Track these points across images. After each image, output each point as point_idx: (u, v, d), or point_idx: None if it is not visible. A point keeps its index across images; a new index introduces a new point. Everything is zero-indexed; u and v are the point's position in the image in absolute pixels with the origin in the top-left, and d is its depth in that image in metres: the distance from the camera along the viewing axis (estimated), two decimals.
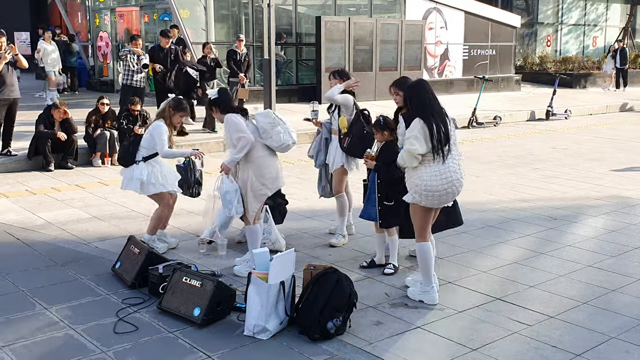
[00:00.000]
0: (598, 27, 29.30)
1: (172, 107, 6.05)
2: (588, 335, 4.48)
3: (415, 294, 5.05)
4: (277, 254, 4.52)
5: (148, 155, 6.00)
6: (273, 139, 5.41)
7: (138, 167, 5.98)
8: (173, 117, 6.06)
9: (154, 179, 5.99)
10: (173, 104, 6.08)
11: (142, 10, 18.16)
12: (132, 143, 6.12)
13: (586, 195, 8.54)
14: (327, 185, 6.58)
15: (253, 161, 5.41)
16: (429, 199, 4.82)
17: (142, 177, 5.94)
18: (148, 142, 6.00)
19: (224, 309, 4.63)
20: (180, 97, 6.39)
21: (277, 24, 16.38)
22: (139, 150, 6.00)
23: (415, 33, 18.81)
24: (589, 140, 13.40)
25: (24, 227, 6.87)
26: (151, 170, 5.99)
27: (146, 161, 6.00)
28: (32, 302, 4.90)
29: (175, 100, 6.18)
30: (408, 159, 4.78)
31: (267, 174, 5.44)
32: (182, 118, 6.19)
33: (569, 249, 6.34)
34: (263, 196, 5.50)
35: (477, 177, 9.62)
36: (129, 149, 6.08)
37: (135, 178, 5.95)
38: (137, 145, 6.03)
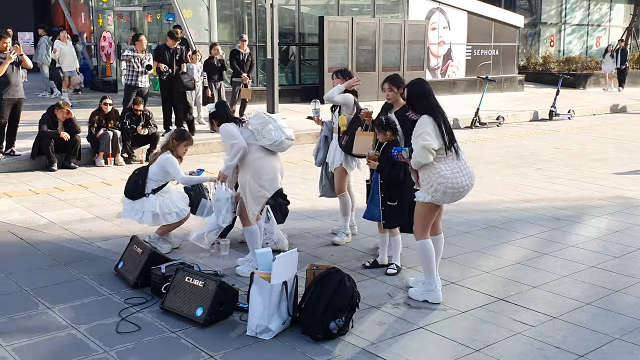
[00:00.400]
0: (601, 27, 29.26)
1: (176, 138, 6.13)
2: (591, 336, 4.47)
3: (419, 294, 5.04)
4: (279, 254, 4.51)
5: (157, 187, 6.05)
6: (265, 137, 5.38)
7: (149, 200, 6.00)
8: (178, 148, 6.13)
9: (168, 208, 6.04)
10: (176, 135, 6.16)
11: (145, 11, 18.18)
12: (141, 176, 6.08)
13: (589, 196, 8.53)
14: (327, 184, 6.57)
15: (249, 164, 5.42)
16: (449, 196, 4.81)
17: (154, 209, 5.97)
18: (157, 175, 6.05)
19: (227, 309, 4.62)
20: (182, 128, 6.44)
21: (280, 24, 16.38)
22: (147, 182, 6.03)
23: (418, 33, 18.81)
24: (592, 141, 13.37)
25: (27, 226, 6.87)
26: (162, 201, 6.04)
27: (155, 193, 6.04)
28: (35, 301, 4.90)
29: (178, 131, 6.27)
30: (423, 154, 4.69)
31: (265, 175, 5.42)
32: (187, 147, 6.23)
33: (572, 250, 6.33)
34: (262, 198, 5.50)
35: (480, 178, 9.58)
36: (138, 182, 6.06)
37: (147, 211, 5.97)
38: (145, 178, 6.04)
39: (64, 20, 22.33)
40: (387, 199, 5.48)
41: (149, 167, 6.15)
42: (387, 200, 5.48)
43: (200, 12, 16.26)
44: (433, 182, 4.76)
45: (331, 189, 6.54)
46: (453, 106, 17.09)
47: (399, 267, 5.63)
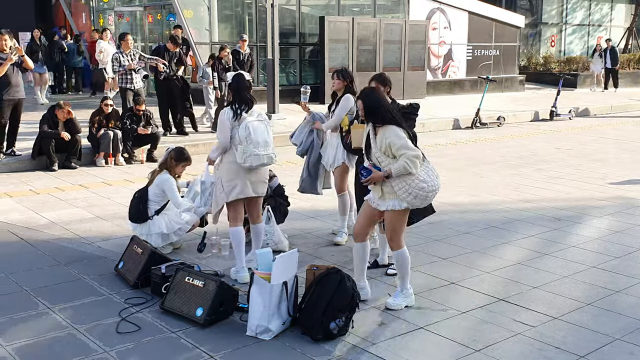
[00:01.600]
0: (602, 27, 29.24)
1: (174, 158, 6.13)
2: (592, 337, 4.46)
3: (399, 303, 4.91)
4: (280, 254, 4.51)
5: (160, 208, 6.07)
6: (238, 152, 5.23)
7: (154, 223, 6.01)
8: (176, 168, 6.15)
9: (175, 224, 6.04)
10: (175, 155, 6.15)
11: (146, 11, 18.18)
12: (141, 200, 6.06)
13: (590, 196, 8.52)
14: (308, 179, 6.50)
15: (223, 164, 5.37)
16: (422, 199, 4.69)
17: (160, 230, 5.99)
18: (157, 196, 6.06)
19: (227, 309, 4.62)
20: (181, 147, 6.33)
21: (281, 24, 16.36)
22: (149, 205, 6.04)
23: (418, 33, 18.80)
24: (593, 141, 13.37)
25: (28, 226, 6.87)
26: (168, 220, 6.04)
27: (159, 213, 6.05)
28: (35, 301, 4.90)
29: (177, 151, 6.20)
30: (416, 164, 4.60)
31: (230, 181, 5.29)
32: (184, 168, 6.24)
33: (573, 250, 6.33)
34: (221, 200, 5.38)
35: (481, 178, 9.60)
36: (139, 206, 6.04)
37: (154, 234, 5.97)
38: (146, 201, 6.04)
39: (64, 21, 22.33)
40: None
41: (147, 188, 6.12)
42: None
43: (201, 12, 16.25)
44: (413, 189, 4.62)
45: (311, 185, 6.50)
46: (454, 106, 17.11)
47: None
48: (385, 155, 4.66)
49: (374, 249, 6.14)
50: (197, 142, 11.37)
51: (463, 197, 8.43)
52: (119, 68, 11.42)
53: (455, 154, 11.66)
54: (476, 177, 9.67)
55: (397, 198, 4.68)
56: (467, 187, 9.00)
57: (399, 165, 4.58)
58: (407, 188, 4.62)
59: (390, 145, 4.61)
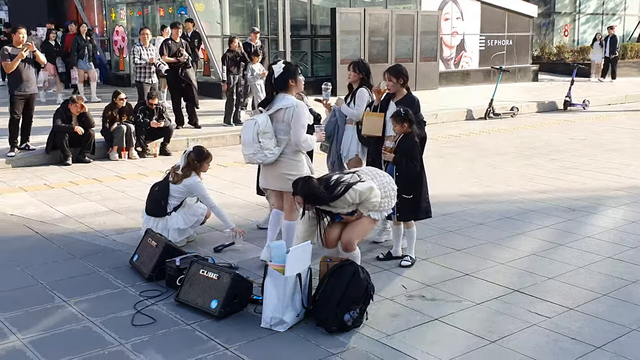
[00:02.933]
0: (616, 16, 28.92)
1: (196, 159, 6.11)
2: (608, 327, 4.43)
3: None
4: (293, 247, 4.51)
5: (178, 204, 6.11)
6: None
7: (172, 218, 6.05)
8: (202, 167, 6.17)
9: (192, 219, 6.12)
10: (195, 155, 6.12)
11: (157, 4, 18.20)
12: (162, 195, 6.09)
13: (605, 186, 8.45)
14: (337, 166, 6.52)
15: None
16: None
17: (178, 226, 6.04)
18: (181, 194, 6.10)
19: (241, 301, 4.63)
20: (199, 146, 6.32)
21: (292, 16, 16.35)
22: (170, 201, 6.07)
23: (431, 24, 18.69)
24: (608, 131, 13.25)
25: (43, 220, 6.92)
26: (185, 215, 6.09)
27: (177, 210, 6.10)
28: (51, 295, 4.93)
29: (195, 151, 6.17)
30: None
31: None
32: (209, 164, 6.25)
33: (588, 241, 6.28)
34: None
35: (495, 169, 9.55)
36: (160, 202, 6.08)
37: (172, 229, 6.01)
38: (167, 196, 6.07)
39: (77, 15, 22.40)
40: (403, 192, 5.44)
41: (168, 183, 6.12)
42: (402, 193, 5.43)
43: (212, 5, 16.25)
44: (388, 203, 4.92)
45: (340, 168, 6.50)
46: (467, 97, 17.02)
47: (413, 259, 5.61)
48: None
49: (387, 240, 6.15)
50: (210, 136, 11.39)
51: (477, 188, 8.40)
52: (140, 61, 11.46)
53: (469, 144, 11.60)
54: (490, 167, 9.62)
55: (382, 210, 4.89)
56: (481, 178, 8.96)
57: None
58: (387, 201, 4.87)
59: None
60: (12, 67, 9.30)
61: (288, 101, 5.19)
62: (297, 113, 5.15)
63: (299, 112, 5.16)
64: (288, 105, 5.17)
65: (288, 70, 5.23)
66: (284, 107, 5.18)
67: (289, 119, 5.15)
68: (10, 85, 9.53)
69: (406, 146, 5.43)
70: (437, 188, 7.58)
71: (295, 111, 5.15)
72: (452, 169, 9.48)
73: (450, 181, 8.67)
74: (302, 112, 5.19)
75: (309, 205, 4.71)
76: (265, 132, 5.13)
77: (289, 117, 5.15)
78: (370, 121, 5.88)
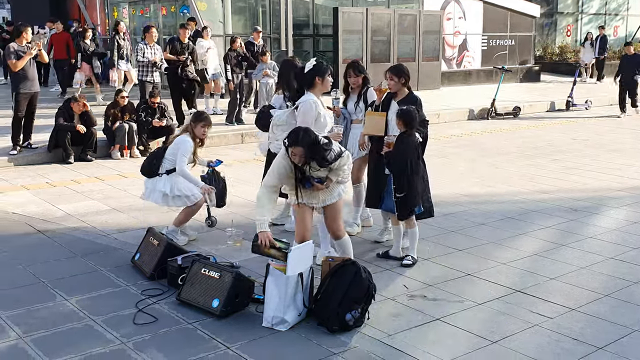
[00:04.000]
0: (619, 17, 28.89)
1: (193, 119, 6.17)
2: (610, 328, 4.43)
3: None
4: (295, 246, 4.50)
5: (172, 168, 6.08)
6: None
7: (161, 180, 6.06)
8: (195, 130, 6.12)
9: (178, 191, 6.05)
10: (193, 117, 6.23)
11: (160, 3, 18.20)
12: (157, 156, 6.16)
13: (607, 187, 8.44)
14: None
15: None
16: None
17: (164, 189, 6.02)
18: (173, 155, 6.08)
19: (243, 300, 4.63)
20: (200, 111, 6.50)
21: (294, 15, 16.35)
22: (163, 162, 6.08)
23: (433, 23, 18.68)
24: (610, 131, 13.23)
25: (45, 218, 6.92)
26: (174, 183, 6.05)
27: (169, 174, 6.07)
28: (52, 293, 4.93)
29: (195, 113, 6.33)
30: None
31: None
32: (204, 128, 6.19)
33: (590, 241, 6.27)
34: None
35: (497, 169, 9.55)
36: (152, 161, 6.13)
37: (158, 190, 6.03)
38: (161, 158, 6.09)
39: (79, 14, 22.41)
40: (396, 191, 5.46)
41: (167, 147, 6.22)
42: (396, 192, 5.46)
43: (214, 4, 16.25)
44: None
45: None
46: (469, 97, 17.01)
47: (415, 259, 5.61)
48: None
49: (389, 240, 6.14)
50: (212, 135, 11.35)
51: (479, 188, 8.39)
52: (142, 59, 11.47)
53: (471, 144, 11.59)
54: (492, 167, 9.62)
55: (340, 185, 4.87)
56: (483, 178, 8.95)
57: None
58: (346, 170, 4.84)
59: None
60: (19, 65, 9.30)
61: (304, 97, 5.33)
62: (302, 110, 5.26)
63: (304, 109, 5.25)
64: (302, 102, 5.32)
65: (317, 68, 5.38)
66: (298, 103, 5.34)
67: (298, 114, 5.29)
68: (15, 84, 9.53)
69: (402, 145, 5.43)
70: (439, 188, 7.58)
71: (303, 107, 5.26)
72: (453, 169, 9.47)
73: (452, 181, 8.66)
74: (309, 109, 5.24)
75: (304, 159, 4.53)
76: (279, 125, 5.38)
77: (298, 112, 5.29)
78: (372, 120, 5.89)
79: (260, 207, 4.65)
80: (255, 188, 6.86)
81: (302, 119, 5.26)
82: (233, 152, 10.31)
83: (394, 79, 5.82)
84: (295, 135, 4.49)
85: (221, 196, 6.34)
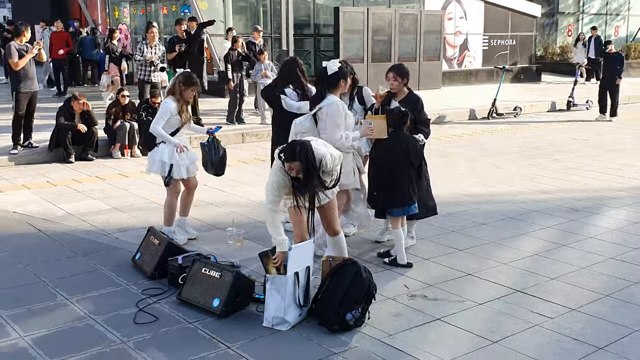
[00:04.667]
0: (620, 17, 28.87)
1: (182, 82, 5.97)
2: (611, 328, 4.43)
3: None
4: (294, 245, 4.51)
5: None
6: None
7: (159, 149, 6.01)
8: (184, 93, 5.98)
9: (172, 159, 5.95)
10: (182, 79, 6.00)
11: (160, 2, 18.21)
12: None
13: (608, 187, 8.44)
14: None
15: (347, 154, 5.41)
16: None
17: (162, 158, 5.96)
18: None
19: (243, 300, 4.63)
20: (188, 71, 6.37)
21: (295, 14, 16.36)
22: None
23: (434, 23, 18.68)
24: (610, 131, 13.23)
25: (45, 218, 6.92)
26: (171, 150, 5.96)
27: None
28: (53, 292, 4.94)
29: (184, 75, 6.10)
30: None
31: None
32: (194, 92, 6.08)
33: (590, 241, 6.27)
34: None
35: (497, 169, 9.54)
36: (149, 133, 6.13)
37: (157, 160, 6.00)
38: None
39: (80, 13, 22.42)
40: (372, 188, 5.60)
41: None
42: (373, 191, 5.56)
43: (215, 3, 16.26)
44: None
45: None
46: (470, 97, 17.00)
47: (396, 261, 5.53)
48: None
49: (389, 240, 6.14)
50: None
51: (479, 187, 8.39)
52: (140, 58, 11.48)
53: (471, 144, 11.59)
54: (492, 167, 9.62)
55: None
56: (484, 177, 8.95)
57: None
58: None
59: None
60: (21, 64, 9.31)
61: (328, 100, 5.30)
62: (331, 112, 5.25)
63: (333, 111, 5.24)
64: (325, 104, 5.29)
65: (342, 71, 5.39)
66: (323, 106, 5.30)
67: (325, 117, 5.26)
68: (15, 83, 9.54)
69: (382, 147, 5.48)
70: (440, 187, 7.57)
71: (329, 110, 5.24)
72: (454, 169, 9.47)
73: (453, 181, 8.66)
74: (337, 110, 5.25)
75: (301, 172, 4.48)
76: (304, 132, 5.26)
77: (325, 116, 5.25)
78: (374, 124, 5.85)
79: (276, 227, 4.55)
80: (256, 188, 6.88)
81: (333, 120, 5.23)
82: (234, 152, 10.31)
83: (397, 79, 5.82)
84: (292, 150, 4.45)
85: (220, 165, 6.18)
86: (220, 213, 6.86)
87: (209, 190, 7.69)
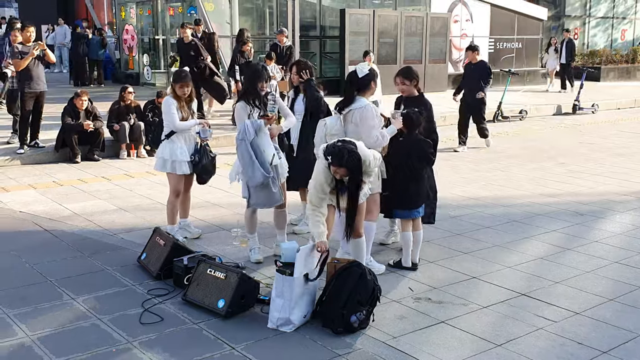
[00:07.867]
0: (627, 20, 28.85)
1: (173, 79, 6.20)
2: (615, 333, 4.43)
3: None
4: (302, 247, 4.52)
5: (168, 133, 6.06)
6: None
7: (161, 146, 6.09)
8: (177, 90, 6.10)
9: (176, 157, 6.00)
10: (173, 77, 6.25)
11: (167, 3, 18.26)
12: (159, 125, 6.23)
13: (613, 191, 8.43)
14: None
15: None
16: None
17: (162, 155, 6.03)
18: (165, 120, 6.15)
19: (248, 301, 4.65)
20: (179, 69, 6.53)
21: (301, 16, 16.35)
22: (164, 130, 6.12)
23: (440, 26, 18.69)
24: (616, 135, 13.21)
25: (51, 218, 6.95)
26: (172, 148, 6.01)
27: (168, 138, 6.06)
28: (59, 292, 4.96)
29: (175, 73, 6.37)
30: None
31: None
32: (185, 88, 6.12)
33: (595, 245, 6.27)
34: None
35: (502, 172, 9.54)
36: (155, 131, 6.27)
37: (158, 157, 6.07)
38: (161, 127, 6.15)
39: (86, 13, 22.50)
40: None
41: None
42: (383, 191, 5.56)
43: (222, 5, 16.29)
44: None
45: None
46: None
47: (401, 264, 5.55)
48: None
49: (395, 242, 6.15)
50: (217, 136, 11.38)
51: (484, 191, 8.39)
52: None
53: (477, 147, 11.58)
54: (497, 171, 9.61)
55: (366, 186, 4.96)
56: (489, 181, 8.95)
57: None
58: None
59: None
60: (22, 65, 9.35)
61: (359, 103, 5.32)
62: (364, 115, 5.25)
63: (366, 115, 5.25)
64: (357, 107, 5.29)
65: (372, 73, 5.44)
66: (354, 109, 5.31)
67: (357, 120, 5.26)
68: (20, 83, 9.59)
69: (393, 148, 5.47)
70: (445, 190, 7.58)
71: (363, 113, 5.25)
72: (459, 172, 9.47)
73: (458, 184, 8.67)
74: (370, 112, 5.27)
75: (346, 178, 4.64)
76: (333, 134, 5.27)
77: (357, 119, 5.26)
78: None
79: (317, 224, 4.63)
80: None
81: (367, 123, 5.22)
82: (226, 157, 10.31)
83: (405, 82, 5.83)
84: (340, 156, 4.51)
85: (206, 172, 6.20)
86: (225, 214, 6.87)
87: (215, 191, 7.71)
